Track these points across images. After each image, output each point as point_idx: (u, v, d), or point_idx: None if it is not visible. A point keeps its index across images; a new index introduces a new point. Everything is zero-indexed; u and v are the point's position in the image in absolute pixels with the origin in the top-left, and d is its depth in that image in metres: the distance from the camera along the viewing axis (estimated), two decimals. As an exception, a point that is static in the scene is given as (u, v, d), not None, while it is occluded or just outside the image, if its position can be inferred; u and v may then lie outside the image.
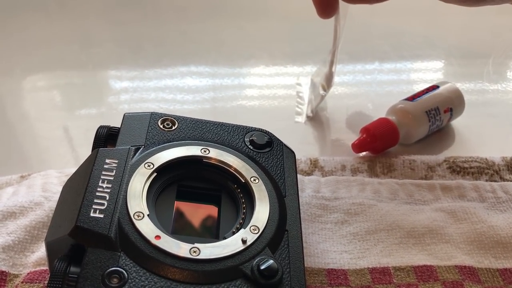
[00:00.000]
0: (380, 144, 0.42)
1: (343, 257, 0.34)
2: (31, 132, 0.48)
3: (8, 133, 0.48)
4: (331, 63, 0.45)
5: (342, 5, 0.39)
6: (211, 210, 0.30)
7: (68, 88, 0.54)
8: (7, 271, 0.33)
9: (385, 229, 0.35)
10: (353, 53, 0.57)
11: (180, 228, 0.29)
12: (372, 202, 0.37)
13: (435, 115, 0.43)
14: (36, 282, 0.32)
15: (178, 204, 0.30)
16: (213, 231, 0.29)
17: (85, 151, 0.33)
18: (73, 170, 0.40)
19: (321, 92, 0.47)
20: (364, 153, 0.42)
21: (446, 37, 0.62)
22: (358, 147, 0.42)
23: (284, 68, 0.55)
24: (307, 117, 0.47)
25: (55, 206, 0.37)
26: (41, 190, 0.38)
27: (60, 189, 0.38)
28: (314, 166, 0.40)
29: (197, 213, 0.30)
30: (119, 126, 0.33)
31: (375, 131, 0.41)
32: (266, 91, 0.52)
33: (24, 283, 0.32)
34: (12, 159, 0.44)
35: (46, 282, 0.32)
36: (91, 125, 0.35)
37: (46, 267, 0.33)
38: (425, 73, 0.56)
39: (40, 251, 0.34)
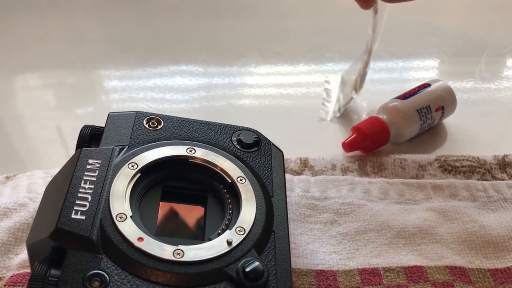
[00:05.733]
0: (370, 143, 0.41)
1: (332, 257, 0.33)
2: (19, 131, 0.48)
3: (1, 132, 0.47)
4: (366, 63, 0.44)
5: (380, 4, 0.38)
6: (197, 211, 0.30)
7: (57, 87, 0.53)
8: (-10, 274, 0.33)
9: (375, 229, 0.35)
10: (344, 51, 0.56)
11: (164, 230, 0.28)
12: (362, 202, 0.36)
13: (426, 114, 0.43)
14: (19, 285, 0.31)
15: (163, 205, 0.29)
16: (198, 233, 0.28)
17: (73, 151, 0.32)
18: (57, 170, 0.40)
19: (352, 93, 0.46)
20: (354, 152, 0.41)
21: (439, 35, 0.61)
22: (348, 146, 0.41)
23: (275, 66, 0.55)
24: (334, 116, 0.46)
25: (39, 207, 0.36)
26: (26, 191, 0.37)
27: (45, 190, 0.38)
28: (304, 165, 0.40)
29: (182, 214, 0.30)
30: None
31: (365, 130, 0.41)
32: (257, 90, 0.51)
33: (7, 286, 0.31)
34: (2, 158, 0.44)
35: (29, 285, 0.32)
36: (80, 124, 0.35)
37: (29, 270, 0.33)
38: (417, 71, 0.56)
39: (24, 253, 0.34)
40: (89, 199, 0.27)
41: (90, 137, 0.32)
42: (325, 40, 0.59)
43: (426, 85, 0.45)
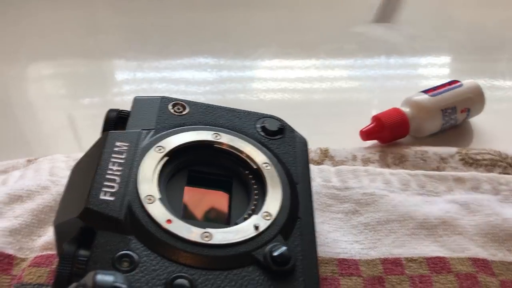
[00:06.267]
0: (388, 134, 0.41)
1: (354, 247, 0.33)
2: (37, 118, 0.48)
3: (14, 119, 0.47)
4: None
5: None
6: (222, 196, 0.30)
7: (73, 76, 0.53)
8: (14, 255, 0.33)
9: (397, 219, 0.35)
10: (363, 43, 0.56)
11: (190, 214, 0.28)
12: (384, 193, 0.36)
13: (451, 114, 0.42)
14: (43, 266, 0.32)
15: (189, 190, 0.29)
16: (224, 217, 0.29)
17: (90, 138, 0.32)
18: (80, 155, 0.40)
19: None
20: (372, 142, 0.41)
21: (458, 30, 0.61)
22: (366, 134, 0.41)
23: (294, 60, 0.55)
24: None
25: (62, 190, 0.36)
26: (48, 174, 0.37)
27: (67, 173, 0.38)
28: (325, 155, 0.40)
29: (207, 198, 0.30)
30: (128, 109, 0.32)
31: (385, 120, 0.41)
32: (275, 83, 0.51)
33: (31, 267, 0.32)
34: (18, 145, 0.44)
35: (53, 266, 0.32)
36: (95, 113, 0.35)
37: (53, 252, 0.33)
38: (435, 67, 0.55)
39: (46, 236, 0.34)
40: (117, 181, 0.27)
41: (116, 121, 0.32)
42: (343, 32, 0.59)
43: (457, 83, 0.44)
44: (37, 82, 0.53)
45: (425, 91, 0.43)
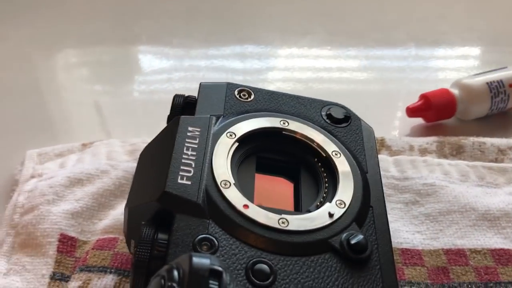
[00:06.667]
0: (434, 113, 0.42)
1: (416, 237, 0.33)
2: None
3: (54, 103, 0.48)
4: None
5: None
6: (291, 184, 0.30)
7: (107, 64, 0.53)
8: (76, 237, 0.33)
9: (459, 210, 0.34)
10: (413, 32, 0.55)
11: (261, 200, 0.28)
12: (444, 183, 0.36)
13: (498, 88, 0.42)
14: (106, 249, 0.32)
15: (258, 176, 0.29)
16: (295, 204, 0.28)
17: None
18: (135, 140, 0.40)
19: None
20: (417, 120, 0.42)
21: (486, 21, 0.59)
22: (411, 111, 0.42)
23: (340, 48, 0.54)
24: None
25: (121, 175, 0.37)
26: (106, 159, 0.38)
27: (125, 158, 0.38)
28: (381, 145, 0.40)
29: (277, 185, 0.30)
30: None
31: (432, 99, 0.42)
32: (323, 72, 0.51)
33: (95, 249, 0.32)
34: (57, 129, 0.44)
35: (116, 249, 0.32)
36: (129, 100, 0.33)
37: (114, 235, 0.33)
38: (467, 59, 0.55)
39: (107, 219, 0.34)
40: (193, 165, 0.27)
41: (182, 106, 0.32)
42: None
43: (503, 68, 0.44)
44: (68, 68, 0.53)
45: (475, 75, 0.44)
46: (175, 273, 0.20)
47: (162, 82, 0.50)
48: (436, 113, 0.42)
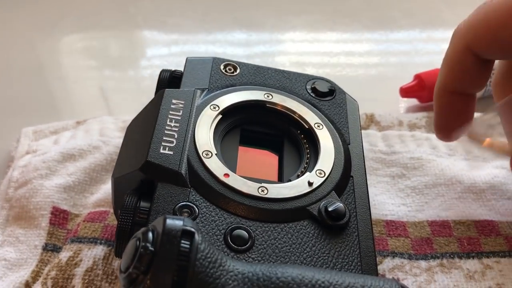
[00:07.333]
0: (428, 93, 0.42)
1: (401, 209, 0.34)
2: (74, 87, 0.49)
3: (54, 84, 0.48)
4: None
5: None
6: (274, 155, 0.30)
7: (107, 47, 0.53)
8: (68, 210, 0.34)
9: (444, 183, 0.35)
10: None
11: (244, 171, 0.29)
12: (431, 157, 0.36)
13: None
14: (96, 222, 0.33)
15: (242, 148, 0.30)
16: (278, 176, 0.29)
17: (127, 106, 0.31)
18: (128, 117, 0.40)
19: None
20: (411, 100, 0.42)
21: None
22: (405, 91, 0.42)
23: (335, 28, 0.54)
24: None
25: (112, 150, 0.37)
26: (98, 135, 0.38)
27: (117, 134, 0.39)
28: (370, 120, 0.40)
29: (260, 157, 0.30)
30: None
31: (426, 79, 0.42)
32: (315, 54, 0.51)
33: (86, 221, 0.33)
34: (60, 108, 0.45)
35: (106, 222, 0.33)
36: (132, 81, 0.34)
37: (105, 209, 0.34)
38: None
39: (99, 193, 0.35)
40: (175, 136, 0.27)
41: (168, 81, 0.32)
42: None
43: None
44: (71, 52, 0.53)
45: None
46: (150, 234, 0.20)
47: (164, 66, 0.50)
48: (430, 93, 0.41)
